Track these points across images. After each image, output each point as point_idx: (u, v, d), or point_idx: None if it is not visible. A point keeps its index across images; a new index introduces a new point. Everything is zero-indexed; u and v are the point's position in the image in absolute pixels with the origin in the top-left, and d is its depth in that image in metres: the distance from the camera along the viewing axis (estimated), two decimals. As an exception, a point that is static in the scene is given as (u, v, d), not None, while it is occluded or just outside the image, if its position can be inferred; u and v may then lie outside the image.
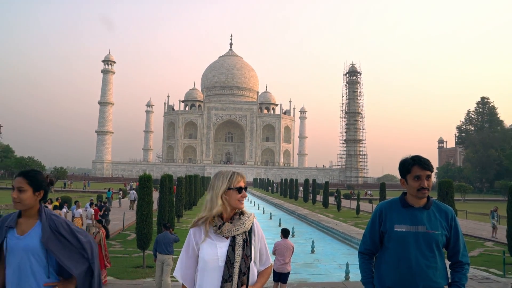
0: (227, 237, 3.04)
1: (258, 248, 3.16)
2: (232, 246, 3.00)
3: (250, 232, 3.11)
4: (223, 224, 3.05)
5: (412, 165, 3.43)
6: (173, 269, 11.01)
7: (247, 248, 3.02)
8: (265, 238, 3.25)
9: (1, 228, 3.28)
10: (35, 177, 3.28)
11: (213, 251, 3.00)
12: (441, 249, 3.44)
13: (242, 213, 3.16)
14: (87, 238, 3.39)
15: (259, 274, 3.16)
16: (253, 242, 3.10)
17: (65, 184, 70.39)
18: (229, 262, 2.95)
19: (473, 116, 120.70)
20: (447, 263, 3.53)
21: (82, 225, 18.25)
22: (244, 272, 2.97)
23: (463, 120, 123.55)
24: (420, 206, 3.46)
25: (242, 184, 3.12)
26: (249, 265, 3.00)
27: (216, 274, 2.96)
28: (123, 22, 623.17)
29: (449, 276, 3.52)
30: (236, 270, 2.94)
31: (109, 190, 39.83)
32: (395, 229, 3.44)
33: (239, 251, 2.98)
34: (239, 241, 3.02)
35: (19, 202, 3.21)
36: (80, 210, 18.52)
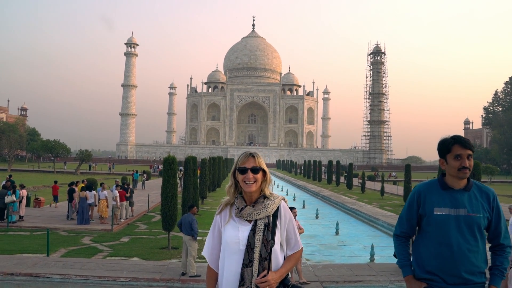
0: (250, 221, 2.96)
1: (284, 232, 3.03)
2: (254, 230, 2.92)
3: (275, 215, 2.99)
4: (245, 207, 2.98)
5: (453, 144, 3.28)
6: (199, 250, 11.05)
7: (268, 233, 2.91)
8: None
9: None
10: None
11: (235, 234, 2.94)
12: (482, 232, 3.32)
13: (266, 196, 3.02)
14: None
15: (286, 258, 3.05)
16: (277, 226, 2.98)
17: (90, 166, 71.53)
18: (249, 247, 2.88)
19: (500, 97, 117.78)
20: (487, 245, 3.40)
21: (108, 206, 18.47)
22: (265, 258, 2.87)
23: (490, 101, 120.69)
24: (461, 188, 3.31)
25: (246, 165, 2.98)
26: (270, 250, 2.89)
27: (237, 258, 2.90)
28: (145, 4, 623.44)
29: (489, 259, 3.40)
30: (257, 255, 2.86)
31: (136, 172, 40.31)
32: (434, 213, 3.29)
33: (259, 236, 2.89)
34: (260, 225, 2.92)
35: None
36: (106, 192, 18.73)
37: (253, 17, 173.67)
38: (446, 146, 3.31)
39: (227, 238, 2.96)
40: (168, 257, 12.53)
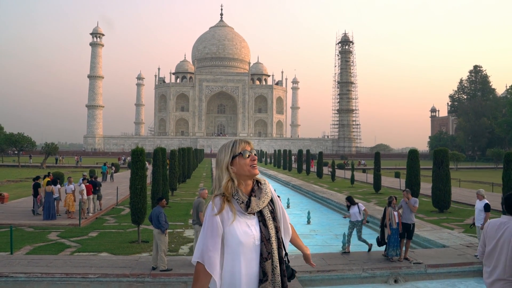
0: (253, 213, 2.76)
1: (280, 210, 2.95)
2: (263, 221, 2.75)
3: (270, 199, 2.88)
4: (249, 200, 2.74)
5: None
6: (169, 243, 10.81)
7: (276, 219, 2.82)
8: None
9: None
10: None
11: (247, 231, 2.70)
12: None
13: (258, 181, 2.87)
14: None
15: (293, 236, 3.09)
16: (277, 209, 2.89)
17: (57, 159, 69.94)
18: (265, 239, 2.71)
19: (465, 85, 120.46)
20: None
21: (75, 200, 18.00)
22: (279, 245, 2.78)
23: (456, 89, 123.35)
24: None
25: (248, 148, 2.83)
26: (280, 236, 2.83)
27: (253, 255, 2.70)
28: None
29: None
30: (275, 246, 2.73)
31: (104, 165, 39.60)
32: None
33: (271, 225, 2.75)
34: (266, 213, 2.77)
35: None
36: (72, 186, 18.23)
37: (221, 6, 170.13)
38: None
39: (240, 238, 2.66)
40: (138, 251, 12.26)
